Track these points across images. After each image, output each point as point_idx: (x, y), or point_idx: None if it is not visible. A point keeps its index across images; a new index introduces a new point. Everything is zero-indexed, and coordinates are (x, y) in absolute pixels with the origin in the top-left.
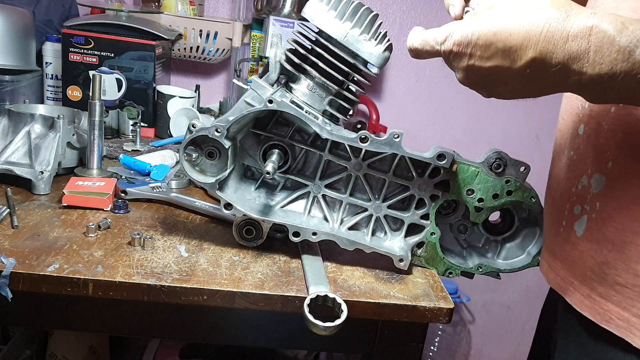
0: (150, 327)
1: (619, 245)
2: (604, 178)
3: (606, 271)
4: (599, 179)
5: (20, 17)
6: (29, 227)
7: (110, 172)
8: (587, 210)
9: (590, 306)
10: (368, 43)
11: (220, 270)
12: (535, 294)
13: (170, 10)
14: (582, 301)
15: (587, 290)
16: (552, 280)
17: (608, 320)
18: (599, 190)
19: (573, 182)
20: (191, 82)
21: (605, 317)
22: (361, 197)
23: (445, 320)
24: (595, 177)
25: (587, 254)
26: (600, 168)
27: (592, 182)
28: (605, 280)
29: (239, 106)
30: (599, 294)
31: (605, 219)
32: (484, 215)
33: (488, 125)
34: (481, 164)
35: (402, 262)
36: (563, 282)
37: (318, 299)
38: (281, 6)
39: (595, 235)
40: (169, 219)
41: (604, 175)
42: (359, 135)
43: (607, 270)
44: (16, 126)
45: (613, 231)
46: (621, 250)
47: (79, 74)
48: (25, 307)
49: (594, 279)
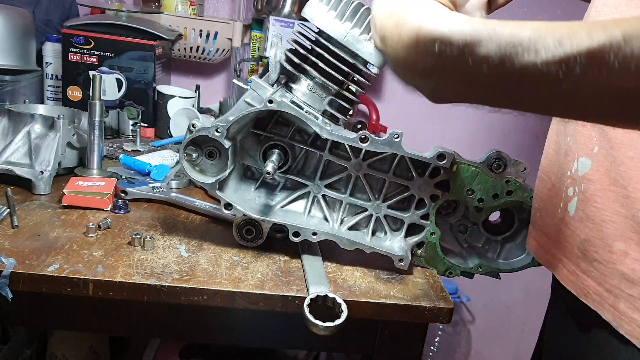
0: (150, 327)
1: (598, 224)
2: (589, 161)
3: (587, 248)
4: (584, 162)
5: (20, 17)
6: (29, 227)
7: (110, 172)
8: (577, 192)
9: (574, 281)
10: (368, 43)
11: (220, 270)
12: (535, 294)
13: (170, 10)
14: (568, 276)
15: (573, 267)
16: (542, 257)
17: (586, 294)
18: (584, 172)
19: (568, 166)
20: (191, 82)
21: (584, 291)
22: (361, 197)
23: (445, 320)
24: (581, 160)
25: (575, 232)
26: (587, 152)
27: (579, 165)
28: (586, 257)
29: (239, 106)
30: (581, 270)
31: (588, 200)
32: (484, 215)
33: (488, 125)
34: (481, 164)
35: (402, 262)
36: (553, 259)
37: (318, 299)
38: (281, 6)
39: (580, 214)
40: (169, 219)
41: (590, 159)
42: (359, 135)
43: (588, 247)
44: (16, 126)
45: (594, 210)
46: (600, 228)
47: (79, 74)
48: (25, 307)
49: (579, 256)
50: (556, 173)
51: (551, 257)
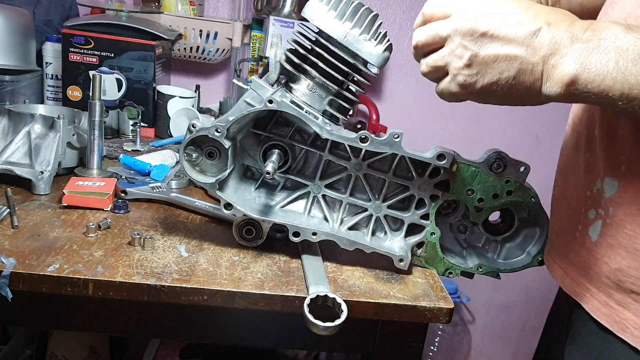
0: (150, 327)
1: (631, 253)
2: (616, 182)
3: (621, 278)
4: (610, 183)
5: (20, 17)
6: (29, 227)
7: (110, 172)
8: (601, 215)
9: (607, 314)
10: (368, 43)
11: (220, 270)
12: (535, 294)
13: (170, 10)
14: (599, 308)
15: (604, 297)
16: (568, 286)
17: (624, 329)
18: (611, 194)
19: (588, 186)
20: (191, 82)
21: (621, 326)
22: (361, 197)
23: (445, 320)
24: (607, 180)
25: (601, 260)
26: (613, 172)
27: (604, 186)
28: (621, 288)
29: (239, 106)
30: (616, 302)
31: (617, 225)
32: (484, 215)
33: (488, 125)
34: (481, 164)
35: (402, 262)
36: (579, 288)
37: (318, 299)
38: (281, 6)
39: (609, 241)
40: (169, 219)
41: (616, 180)
42: (359, 135)
43: (622, 278)
44: (16, 126)
45: (625, 237)
46: (634, 257)
47: (79, 74)
48: (25, 307)
49: (610, 286)
50: (572, 192)
51: (576, 286)
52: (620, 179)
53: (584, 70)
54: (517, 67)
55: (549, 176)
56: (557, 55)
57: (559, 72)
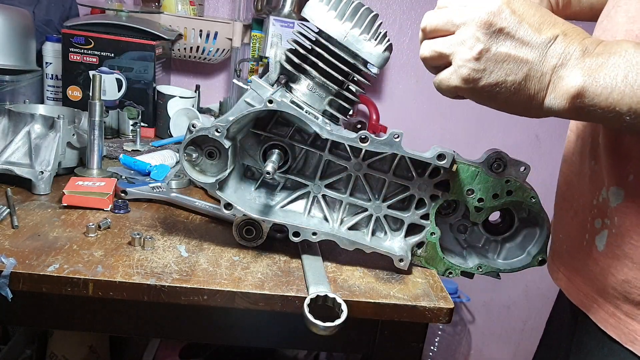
0: (150, 327)
1: (638, 264)
2: (622, 191)
3: (628, 290)
4: (616, 192)
5: (20, 17)
6: (29, 227)
7: (110, 172)
8: (607, 225)
9: (615, 325)
10: (368, 43)
11: (220, 270)
12: (535, 294)
13: (170, 10)
14: (607, 319)
15: (612, 308)
16: (574, 295)
17: (633, 340)
18: (617, 204)
19: (594, 194)
20: (191, 82)
21: (630, 338)
22: (361, 197)
23: (445, 320)
24: (612, 190)
25: (608, 270)
26: (619, 181)
27: (610, 196)
28: (629, 300)
29: (239, 106)
30: (624, 313)
31: (624, 235)
32: (484, 215)
33: (488, 125)
34: (481, 164)
35: (402, 262)
36: (586, 298)
37: (318, 299)
38: (281, 6)
39: (615, 251)
40: (169, 219)
41: (622, 189)
42: (359, 135)
43: (629, 290)
44: (16, 126)
45: (632, 248)
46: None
47: (79, 74)
48: (25, 307)
49: (618, 297)
50: (578, 199)
51: (583, 296)
52: (626, 189)
53: (591, 83)
54: (526, 72)
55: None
56: (566, 67)
57: (565, 83)
